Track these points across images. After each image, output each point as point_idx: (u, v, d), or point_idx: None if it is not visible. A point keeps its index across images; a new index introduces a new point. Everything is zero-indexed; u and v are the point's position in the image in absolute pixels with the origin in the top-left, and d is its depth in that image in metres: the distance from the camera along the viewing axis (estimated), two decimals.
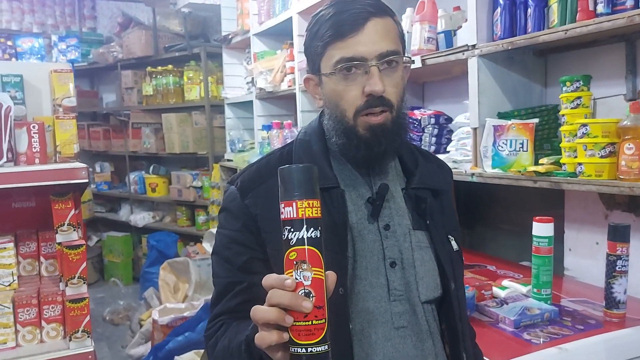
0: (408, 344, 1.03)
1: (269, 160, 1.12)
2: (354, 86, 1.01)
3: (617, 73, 1.76)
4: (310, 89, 1.11)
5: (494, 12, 1.85)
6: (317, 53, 1.04)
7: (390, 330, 1.03)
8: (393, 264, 1.05)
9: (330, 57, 1.01)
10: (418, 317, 1.05)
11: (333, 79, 1.02)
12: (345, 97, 1.02)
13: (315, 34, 1.04)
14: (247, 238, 1.05)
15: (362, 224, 1.05)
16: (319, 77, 1.06)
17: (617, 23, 1.44)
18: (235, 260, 1.05)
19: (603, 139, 1.51)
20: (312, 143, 1.10)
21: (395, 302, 1.04)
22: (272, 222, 1.01)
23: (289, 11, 3.16)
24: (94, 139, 5.98)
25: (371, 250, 1.04)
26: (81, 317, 1.58)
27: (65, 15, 6.19)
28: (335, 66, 1.01)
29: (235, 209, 1.07)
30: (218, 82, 4.78)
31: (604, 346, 1.39)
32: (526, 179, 1.71)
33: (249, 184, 1.08)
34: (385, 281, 1.04)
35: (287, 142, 3.08)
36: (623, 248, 1.49)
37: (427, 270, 1.07)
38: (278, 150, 1.15)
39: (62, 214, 1.59)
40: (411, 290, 1.05)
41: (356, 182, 1.08)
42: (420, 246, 1.08)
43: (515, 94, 1.95)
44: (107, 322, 4.41)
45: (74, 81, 1.85)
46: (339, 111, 1.03)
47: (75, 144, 1.76)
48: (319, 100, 1.10)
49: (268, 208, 1.03)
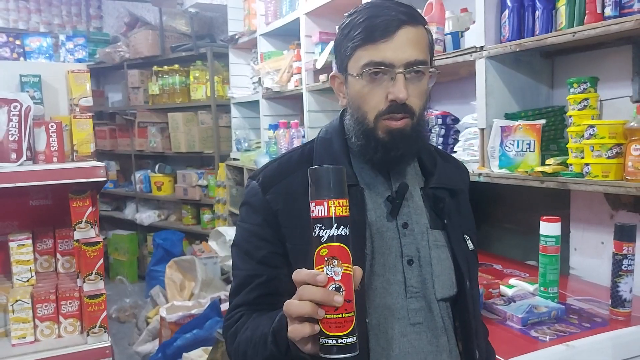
0: (423, 339, 1.06)
1: (290, 157, 1.15)
2: (378, 90, 1.03)
3: (624, 75, 1.78)
4: (336, 87, 1.13)
5: (502, 14, 1.87)
6: (346, 53, 1.06)
7: (406, 326, 1.05)
8: (410, 261, 1.07)
9: (359, 59, 1.03)
10: (434, 314, 1.08)
11: (359, 81, 1.04)
12: (368, 100, 1.04)
13: (346, 34, 1.06)
14: (267, 232, 1.08)
15: (381, 221, 1.08)
16: (345, 76, 1.08)
17: (625, 26, 1.47)
18: (255, 253, 1.09)
19: (610, 140, 1.54)
20: (333, 142, 1.12)
21: (412, 298, 1.06)
22: (292, 217, 1.05)
23: (296, 12, 3.20)
24: (100, 137, 6.01)
25: (389, 248, 1.07)
26: (98, 313, 1.61)
27: (72, 15, 6.22)
28: (362, 69, 1.02)
29: (256, 203, 1.10)
30: (224, 81, 4.82)
31: (610, 343, 1.42)
32: (533, 179, 1.74)
33: (270, 180, 1.10)
34: (402, 278, 1.06)
35: (293, 141, 3.15)
36: (629, 247, 1.52)
37: (443, 269, 1.10)
38: (299, 148, 1.18)
39: (80, 211, 1.62)
40: (427, 287, 1.08)
41: (375, 181, 1.11)
42: (437, 245, 1.10)
43: (522, 95, 1.98)
44: (114, 319, 4.44)
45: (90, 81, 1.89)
46: (361, 113, 1.06)
47: (92, 143, 1.79)
48: (342, 99, 1.12)
49: (289, 204, 1.06)
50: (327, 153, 1.11)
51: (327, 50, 2.86)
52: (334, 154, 1.10)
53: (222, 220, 4.61)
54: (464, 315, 1.11)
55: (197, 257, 4.18)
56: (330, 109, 3.27)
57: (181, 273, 4.13)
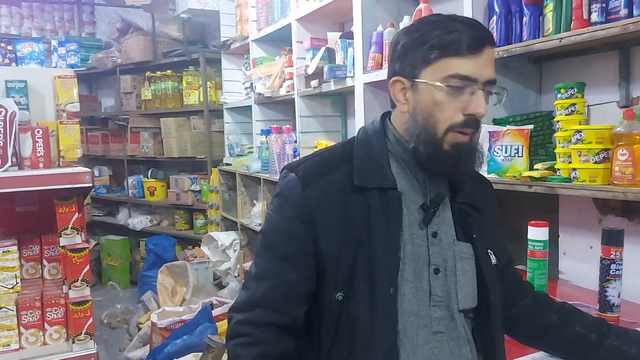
0: (445, 349, 1.08)
1: (331, 155, 1.14)
2: (456, 103, 1.03)
3: (610, 80, 1.79)
4: (395, 91, 1.11)
5: (490, 20, 1.88)
6: (423, 59, 1.04)
7: (429, 334, 1.07)
8: (437, 270, 1.09)
9: (443, 69, 1.03)
10: (457, 324, 1.10)
11: (437, 90, 1.03)
12: (444, 110, 1.04)
13: (424, 40, 1.04)
14: (297, 229, 1.07)
15: (413, 228, 1.09)
16: (413, 82, 1.07)
17: (611, 32, 1.47)
18: (280, 248, 1.09)
19: (597, 145, 1.54)
20: (373, 144, 1.13)
21: (435, 307, 1.08)
22: (330, 216, 1.06)
23: (287, 18, 3.20)
24: (93, 143, 5.99)
25: (418, 255, 1.08)
26: (84, 320, 1.60)
27: (64, 21, 6.21)
28: (447, 79, 1.03)
29: (292, 197, 1.09)
30: (217, 87, 4.82)
31: None
32: (521, 184, 1.74)
33: (311, 176, 1.09)
34: (428, 286, 1.08)
35: (285, 146, 3.14)
36: (617, 252, 1.52)
37: (467, 281, 1.12)
38: (339, 146, 1.17)
39: (65, 217, 1.61)
40: (451, 297, 1.09)
41: (412, 187, 1.11)
42: (463, 257, 1.12)
43: (510, 101, 1.98)
44: (105, 325, 4.41)
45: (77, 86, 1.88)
46: (432, 122, 1.05)
47: (79, 149, 1.78)
48: (403, 104, 1.10)
49: (327, 202, 1.07)
50: (368, 155, 1.12)
51: (318, 55, 2.86)
52: (375, 155, 1.11)
53: (215, 226, 4.59)
54: (486, 328, 1.13)
55: (189, 262, 4.17)
56: (321, 114, 3.27)
57: (173, 278, 4.11)
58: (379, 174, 1.09)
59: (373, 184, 1.08)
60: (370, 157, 1.11)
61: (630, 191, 1.44)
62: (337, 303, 1.05)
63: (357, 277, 1.05)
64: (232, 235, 4.14)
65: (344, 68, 2.68)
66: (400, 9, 2.51)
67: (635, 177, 1.44)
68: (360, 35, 2.49)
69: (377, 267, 1.04)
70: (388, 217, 1.07)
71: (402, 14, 2.38)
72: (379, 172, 1.09)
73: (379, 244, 1.05)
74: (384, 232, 1.05)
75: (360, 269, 1.05)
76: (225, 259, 4.15)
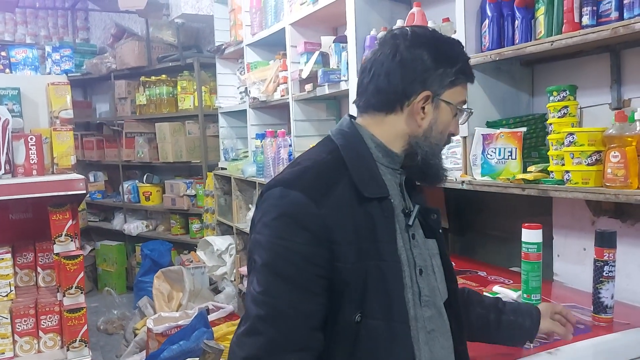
0: (437, 346, 1.11)
1: (323, 166, 1.09)
2: (453, 125, 1.18)
3: (602, 83, 1.80)
4: (419, 102, 1.11)
5: (482, 23, 1.89)
6: (450, 80, 1.12)
7: (425, 335, 1.10)
8: (421, 271, 1.11)
9: (459, 94, 1.15)
10: (444, 319, 1.14)
11: (450, 110, 1.14)
12: (448, 129, 1.17)
13: (452, 63, 1.12)
14: (317, 253, 0.99)
15: (402, 233, 1.11)
16: (437, 100, 1.12)
17: (602, 34, 1.48)
18: (296, 277, 0.99)
19: (589, 147, 1.55)
20: (360, 151, 1.12)
21: (425, 307, 1.10)
22: (348, 233, 1.01)
23: (281, 22, 3.21)
24: (88, 148, 5.99)
25: (407, 259, 1.09)
26: (79, 327, 1.60)
27: (58, 27, 6.21)
28: (462, 104, 1.17)
29: (304, 217, 0.99)
30: (211, 91, 4.82)
31: (592, 350, 1.42)
32: (515, 187, 1.75)
33: (319, 192, 1.02)
34: (417, 288, 1.10)
35: (280, 150, 3.14)
36: (610, 254, 1.53)
37: (442, 275, 1.16)
38: (325, 155, 1.11)
39: (59, 224, 1.61)
40: (436, 294, 1.13)
41: (395, 192, 1.13)
42: (434, 253, 1.17)
43: (503, 104, 1.99)
44: (101, 331, 4.40)
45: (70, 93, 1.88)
46: (442, 137, 1.17)
47: (73, 156, 1.78)
48: (421, 120, 1.12)
49: (343, 218, 1.02)
50: (361, 164, 1.10)
51: (312, 60, 2.87)
52: (368, 164, 1.11)
53: (211, 230, 4.59)
54: (455, 317, 1.18)
55: (185, 267, 4.16)
56: (316, 118, 3.28)
57: (169, 284, 4.11)
58: (375, 183, 1.08)
59: (375, 193, 1.07)
60: (364, 165, 1.10)
61: (622, 193, 1.45)
62: (352, 324, 1.01)
63: (371, 292, 1.02)
64: (228, 240, 4.13)
65: (338, 72, 2.68)
66: (394, 13, 2.52)
67: (627, 179, 1.45)
68: (354, 39, 2.49)
69: (389, 278, 1.03)
70: (388, 226, 1.07)
71: (395, 17, 2.38)
72: (375, 181, 1.09)
73: (387, 254, 1.04)
74: (388, 241, 1.06)
75: (373, 283, 1.02)
76: (222, 264, 4.14)
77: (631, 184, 1.44)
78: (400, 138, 1.14)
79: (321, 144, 1.17)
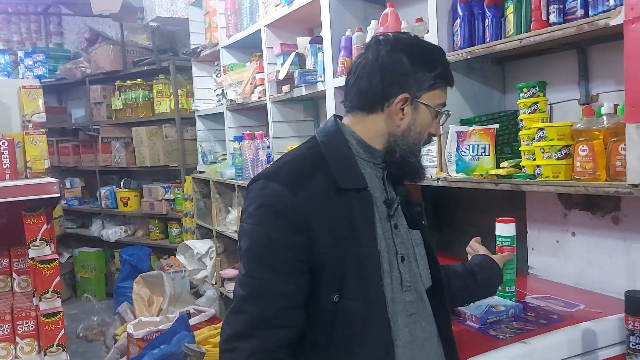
0: (418, 328, 1.20)
1: (303, 160, 1.18)
2: (433, 126, 1.25)
3: (571, 79, 1.84)
4: (398, 103, 1.19)
5: (454, 23, 1.92)
6: (430, 84, 1.19)
7: (406, 317, 1.18)
8: (403, 258, 1.19)
9: (438, 97, 1.22)
10: (425, 304, 1.23)
11: (430, 112, 1.21)
12: (427, 130, 1.24)
13: (427, 64, 1.19)
14: (294, 239, 1.09)
15: (382, 223, 1.18)
16: (416, 101, 1.18)
17: (567, 32, 1.52)
18: (274, 261, 1.08)
19: (559, 142, 1.58)
20: (340, 146, 1.20)
21: (407, 292, 1.18)
22: (325, 221, 1.10)
23: (256, 24, 3.21)
24: (64, 154, 5.91)
25: (388, 246, 1.17)
26: (56, 332, 1.58)
27: (31, 32, 6.10)
28: (441, 106, 1.24)
29: (282, 206, 1.09)
30: (188, 94, 4.80)
31: (565, 339, 1.45)
32: (488, 182, 1.78)
33: (297, 183, 1.12)
34: (399, 274, 1.18)
35: (258, 152, 3.14)
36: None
37: (425, 263, 1.25)
38: (305, 151, 1.22)
39: (34, 229, 1.59)
40: (417, 280, 1.21)
41: (375, 185, 1.21)
42: (417, 243, 1.26)
43: (476, 101, 2.02)
44: (81, 338, 4.35)
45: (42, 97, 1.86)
46: (420, 138, 1.23)
47: (46, 159, 1.76)
48: (400, 120, 1.19)
49: (319, 207, 1.11)
50: (339, 157, 1.19)
51: (288, 61, 2.88)
52: (346, 159, 1.19)
53: (190, 234, 4.57)
54: (439, 303, 1.26)
55: (164, 272, 4.13)
56: (293, 119, 3.28)
57: (149, 288, 4.07)
58: (353, 175, 1.17)
59: (352, 184, 1.15)
60: (342, 159, 1.18)
61: (591, 185, 1.48)
62: (330, 304, 1.10)
63: (350, 275, 1.11)
64: (207, 243, 4.12)
65: (314, 73, 2.70)
66: (367, 13, 2.54)
67: (595, 172, 1.49)
68: (330, 40, 2.51)
69: (366, 263, 1.12)
70: (366, 215, 1.15)
71: (369, 18, 2.41)
72: (353, 173, 1.17)
73: (364, 240, 1.12)
74: (366, 229, 1.14)
75: (351, 267, 1.11)
76: (202, 267, 4.12)
77: (599, 177, 1.48)
78: (381, 136, 1.22)
79: (306, 141, 1.26)
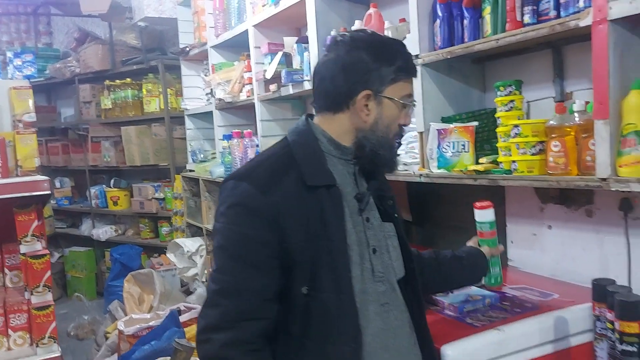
0: (391, 317, 1.25)
1: (275, 161, 1.23)
2: (400, 116, 1.27)
3: (546, 77, 1.90)
4: (361, 100, 1.23)
5: (434, 23, 1.97)
6: (391, 78, 1.22)
7: (378, 307, 1.23)
8: (375, 250, 1.24)
9: (402, 89, 1.25)
10: (397, 294, 1.27)
11: (396, 105, 1.24)
12: (396, 122, 1.27)
13: (391, 62, 1.21)
14: (266, 236, 1.14)
15: (353, 217, 1.23)
16: (378, 96, 1.22)
17: (541, 32, 1.58)
18: (247, 257, 1.13)
19: (533, 138, 1.64)
20: (310, 145, 1.24)
21: (379, 282, 1.23)
22: (295, 218, 1.15)
23: (244, 24, 3.25)
24: (53, 154, 5.92)
25: (360, 240, 1.22)
26: (47, 324, 1.63)
27: (21, 32, 6.11)
28: (406, 98, 1.26)
29: (254, 205, 1.14)
30: (177, 93, 4.83)
31: (538, 327, 1.51)
32: (468, 177, 1.84)
33: (267, 183, 1.16)
34: (370, 265, 1.22)
35: (247, 151, 3.19)
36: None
37: (397, 255, 1.29)
38: (277, 151, 1.26)
39: (25, 225, 1.64)
40: (389, 271, 1.26)
41: (345, 181, 1.25)
42: (390, 235, 1.31)
43: (456, 100, 2.08)
44: (72, 337, 4.37)
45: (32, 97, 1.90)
46: (388, 131, 1.26)
47: (36, 158, 1.81)
48: (366, 116, 1.23)
49: (289, 205, 1.15)
50: (309, 156, 1.23)
51: (275, 60, 2.92)
52: (314, 156, 1.23)
53: (181, 233, 4.60)
54: (412, 292, 1.32)
55: (155, 270, 4.16)
56: (281, 118, 3.33)
57: (139, 287, 4.11)
58: (321, 173, 1.21)
59: (320, 182, 1.20)
60: (312, 158, 1.23)
61: (563, 179, 1.55)
62: (302, 296, 1.15)
63: (321, 269, 1.16)
64: (198, 242, 4.16)
65: (301, 72, 2.74)
66: (352, 14, 2.60)
67: (567, 167, 1.55)
68: (315, 40, 2.56)
69: (336, 257, 1.17)
70: (335, 211, 1.19)
71: (354, 18, 2.46)
72: (321, 171, 1.21)
73: (334, 235, 1.17)
74: (336, 224, 1.18)
75: (323, 261, 1.16)
76: (192, 265, 4.16)
77: (571, 171, 1.54)
78: (350, 133, 1.26)
79: (280, 141, 1.31)
